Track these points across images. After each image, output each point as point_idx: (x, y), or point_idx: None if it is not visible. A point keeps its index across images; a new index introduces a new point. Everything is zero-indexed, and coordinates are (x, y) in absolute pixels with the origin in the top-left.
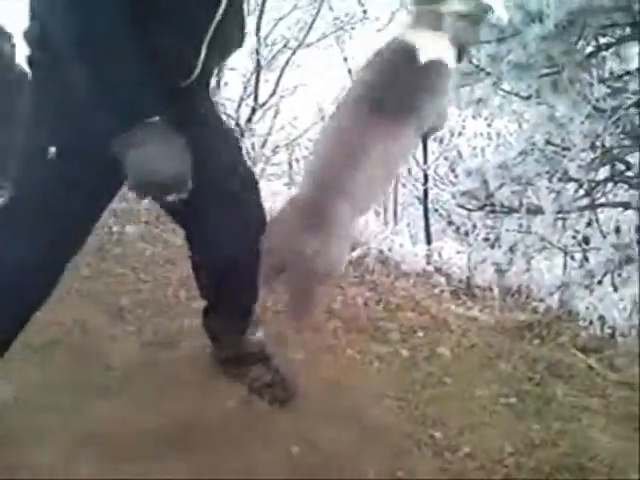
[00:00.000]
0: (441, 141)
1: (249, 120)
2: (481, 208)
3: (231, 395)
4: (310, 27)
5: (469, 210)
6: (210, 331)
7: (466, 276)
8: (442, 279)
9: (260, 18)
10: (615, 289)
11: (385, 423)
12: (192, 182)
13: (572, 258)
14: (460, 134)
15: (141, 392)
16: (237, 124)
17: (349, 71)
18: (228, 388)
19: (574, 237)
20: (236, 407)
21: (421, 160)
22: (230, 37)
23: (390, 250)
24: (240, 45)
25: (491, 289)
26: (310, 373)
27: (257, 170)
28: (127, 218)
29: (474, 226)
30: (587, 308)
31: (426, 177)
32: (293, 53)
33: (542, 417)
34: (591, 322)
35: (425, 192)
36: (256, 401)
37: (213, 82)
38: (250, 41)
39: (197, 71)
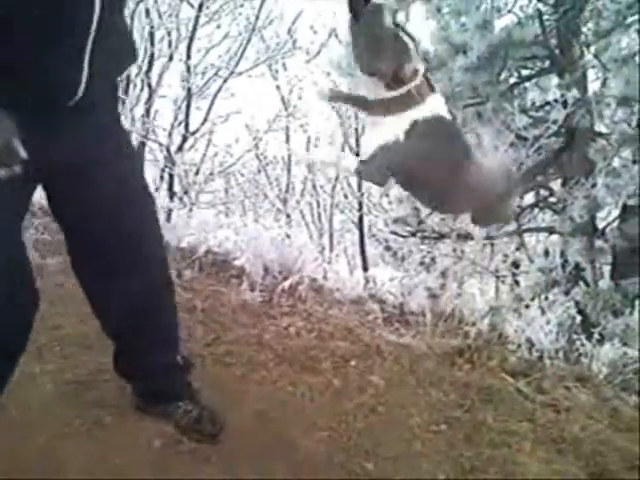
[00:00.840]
0: None
1: (180, 148)
2: (413, 234)
3: (157, 434)
4: (241, 56)
5: (402, 236)
6: (124, 373)
7: (399, 302)
8: (376, 306)
9: (189, 46)
10: (543, 312)
11: (317, 455)
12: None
13: (503, 282)
14: None
15: (62, 434)
16: (168, 152)
17: (282, 100)
18: (154, 427)
19: (504, 261)
20: (163, 447)
21: (356, 187)
22: (118, 53)
23: (325, 277)
24: (133, 60)
25: (424, 314)
26: (241, 407)
27: (190, 198)
28: (47, 249)
29: (410, 251)
30: (516, 331)
31: (360, 204)
32: (225, 81)
33: (472, 443)
34: (519, 345)
35: (360, 218)
36: (183, 439)
37: (142, 110)
38: (180, 68)
39: (81, 89)
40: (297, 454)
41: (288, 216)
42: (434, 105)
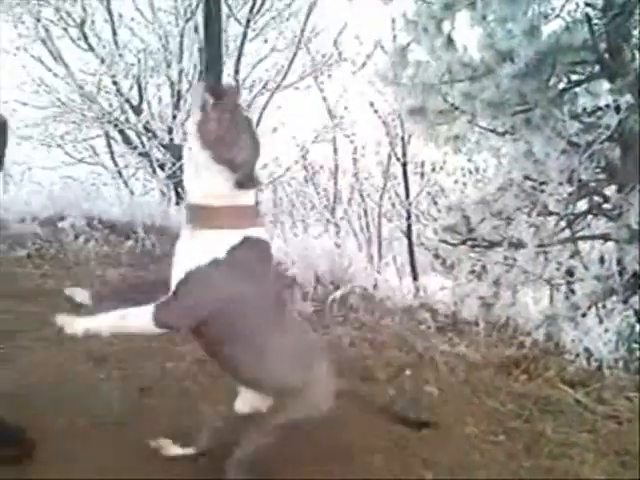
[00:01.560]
0: (422, 176)
1: None
2: (463, 242)
3: None
4: (288, 69)
5: (452, 245)
6: None
7: (452, 311)
8: (428, 315)
9: (238, 61)
10: (600, 321)
11: (374, 464)
12: None
13: (557, 290)
14: (441, 168)
15: None
16: None
17: (328, 111)
18: None
19: (558, 269)
20: None
21: (403, 195)
22: None
23: (375, 287)
24: None
25: (477, 324)
26: None
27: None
28: (109, 262)
29: (459, 260)
30: (573, 341)
31: (408, 212)
32: (272, 95)
33: (532, 454)
34: (577, 355)
35: (409, 227)
36: None
37: None
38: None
39: None
40: (355, 463)
41: (336, 225)
42: (264, 234)
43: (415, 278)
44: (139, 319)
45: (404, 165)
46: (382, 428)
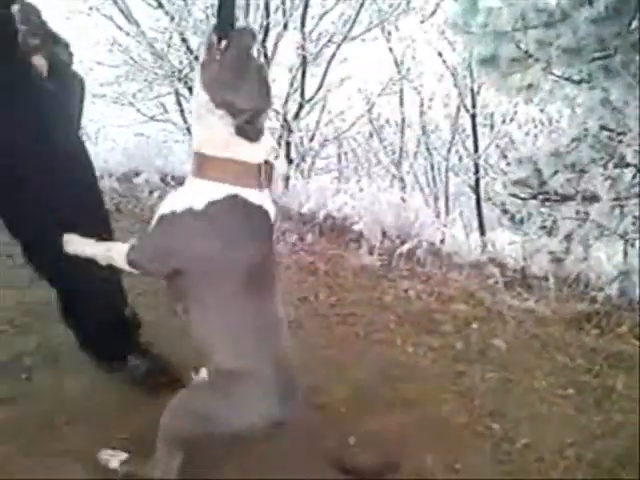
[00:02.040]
0: (492, 128)
1: (297, 115)
2: (534, 197)
3: None
4: (354, 20)
5: (522, 199)
6: (69, 323)
7: (521, 266)
8: (496, 270)
9: (304, 13)
10: None
11: (442, 415)
12: None
13: (632, 245)
14: (512, 120)
15: None
16: (285, 120)
17: (395, 62)
18: None
19: (634, 223)
20: None
21: (472, 148)
22: None
23: (442, 241)
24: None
25: (547, 279)
26: (364, 365)
27: (307, 165)
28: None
29: (529, 214)
30: None
31: (477, 166)
32: (338, 47)
33: (602, 409)
34: None
35: (477, 181)
36: None
37: None
38: (295, 36)
39: None
40: (418, 413)
41: (402, 180)
42: (265, 200)
43: (483, 233)
44: (119, 255)
45: (473, 117)
46: (449, 379)
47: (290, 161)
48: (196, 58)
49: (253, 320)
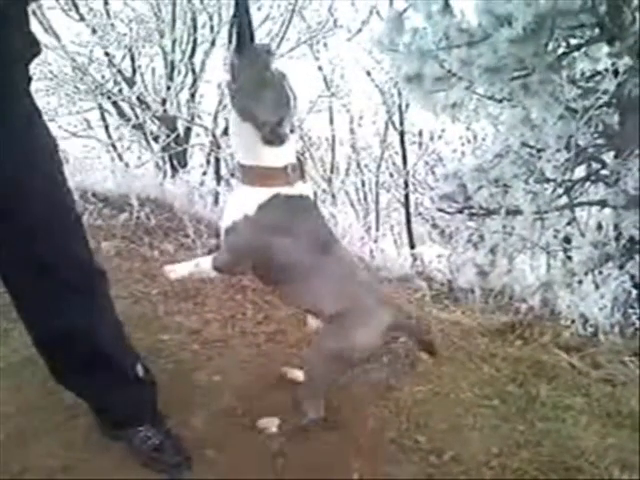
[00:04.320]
0: (420, 145)
1: (226, 132)
2: (460, 211)
3: None
4: (282, 37)
5: (449, 213)
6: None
7: (448, 279)
8: (424, 283)
9: (231, 31)
10: (596, 287)
11: (369, 429)
12: None
13: (554, 258)
14: (439, 137)
15: None
16: (214, 136)
17: (324, 80)
18: None
19: (555, 236)
20: None
21: (401, 165)
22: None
23: (372, 256)
24: (37, 52)
25: (473, 291)
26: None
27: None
28: (103, 234)
29: (457, 229)
30: (569, 307)
31: (406, 182)
32: None
33: (526, 418)
34: (573, 321)
35: (406, 197)
36: None
37: (187, 95)
38: (223, 53)
39: None
40: (348, 428)
41: (333, 196)
42: (301, 188)
43: (412, 247)
44: (206, 266)
45: (402, 134)
46: (377, 393)
47: (219, 178)
48: (119, 72)
49: (335, 271)
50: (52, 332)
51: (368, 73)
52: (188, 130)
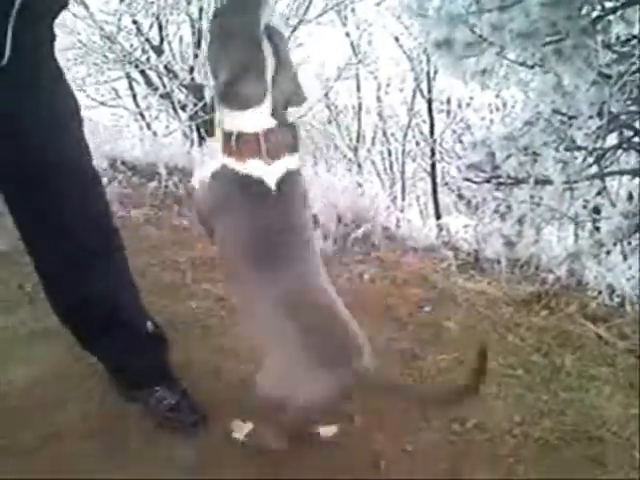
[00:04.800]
0: (448, 113)
1: None
2: (488, 181)
3: None
4: (310, 3)
5: (476, 183)
6: (91, 350)
7: (474, 249)
8: (450, 253)
9: None
10: (624, 257)
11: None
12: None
13: (582, 228)
14: (468, 105)
15: None
16: None
17: (352, 46)
18: None
19: (584, 207)
20: None
21: (428, 133)
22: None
23: (397, 226)
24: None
25: (499, 262)
26: None
27: None
28: (132, 202)
29: (484, 199)
30: (596, 278)
31: (433, 151)
32: (294, 30)
33: (550, 387)
34: (600, 292)
35: (433, 166)
36: None
37: None
38: None
39: (7, 51)
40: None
41: (359, 165)
42: (255, 169)
43: (438, 218)
44: None
45: (429, 102)
46: (402, 361)
47: None
48: (147, 40)
49: (287, 293)
50: (71, 295)
51: (396, 39)
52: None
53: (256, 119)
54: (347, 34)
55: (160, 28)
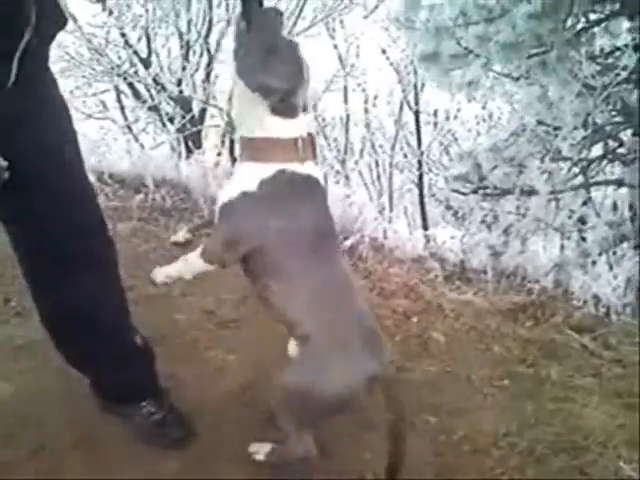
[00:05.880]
0: (435, 125)
1: None
2: (475, 191)
3: None
4: (298, 16)
5: (463, 194)
6: (75, 364)
7: (460, 260)
8: (436, 264)
9: None
10: (610, 267)
11: (377, 407)
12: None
13: (568, 238)
14: (455, 117)
15: None
16: (229, 116)
17: (339, 58)
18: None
19: (570, 217)
20: None
21: (415, 145)
22: (46, 27)
23: (385, 237)
24: (63, 25)
25: (485, 272)
26: None
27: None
28: (119, 215)
29: (471, 210)
30: (581, 287)
31: (420, 163)
32: None
33: (536, 398)
34: (585, 302)
35: (420, 177)
36: None
37: (203, 75)
38: None
39: (12, 79)
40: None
41: (347, 177)
42: (312, 169)
43: (426, 228)
44: (195, 259)
45: (417, 114)
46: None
47: (234, 159)
48: (135, 53)
49: (328, 282)
50: (58, 304)
51: (384, 51)
52: (203, 111)
53: (305, 124)
54: (335, 46)
55: (148, 41)
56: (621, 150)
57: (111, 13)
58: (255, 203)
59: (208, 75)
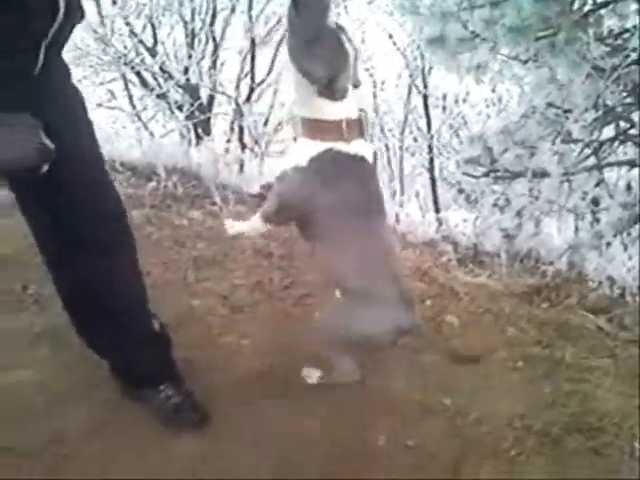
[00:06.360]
0: (444, 109)
1: (248, 99)
2: (486, 174)
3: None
4: None
5: (474, 177)
6: (97, 349)
7: (473, 243)
8: (449, 247)
9: None
10: (625, 248)
11: (395, 392)
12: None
13: (582, 220)
14: (464, 101)
15: None
16: (237, 103)
17: None
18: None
19: (583, 198)
20: None
21: (425, 129)
22: (72, 17)
23: (397, 221)
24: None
25: (499, 255)
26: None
27: (261, 148)
28: (132, 203)
29: (482, 192)
30: (596, 269)
31: (430, 146)
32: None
33: (551, 379)
34: (600, 283)
35: (431, 161)
36: None
37: (209, 63)
38: (243, 20)
39: (39, 65)
40: (372, 390)
41: None
42: (358, 148)
43: (438, 212)
44: (257, 219)
45: (425, 97)
46: (403, 355)
47: (243, 146)
48: (140, 42)
49: (371, 249)
50: (79, 290)
51: (390, 36)
52: (211, 98)
53: (352, 106)
54: None
55: (154, 29)
56: (632, 131)
57: (115, 3)
58: (304, 177)
59: (214, 63)
